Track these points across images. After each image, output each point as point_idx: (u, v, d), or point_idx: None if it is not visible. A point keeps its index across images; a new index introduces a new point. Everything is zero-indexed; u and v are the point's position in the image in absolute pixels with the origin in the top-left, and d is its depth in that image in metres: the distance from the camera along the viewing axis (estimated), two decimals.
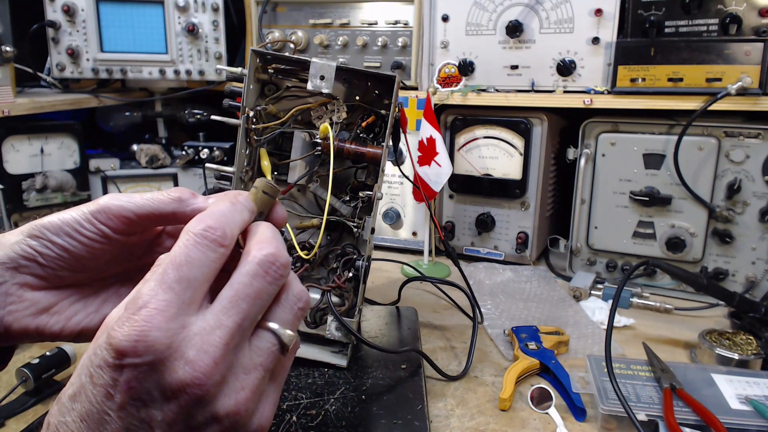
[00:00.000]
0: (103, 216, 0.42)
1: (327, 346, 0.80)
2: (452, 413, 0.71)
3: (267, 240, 0.39)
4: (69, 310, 0.45)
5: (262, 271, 0.37)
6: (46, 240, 0.42)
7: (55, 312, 0.45)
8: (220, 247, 0.36)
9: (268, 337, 0.38)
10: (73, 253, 0.43)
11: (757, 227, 1.01)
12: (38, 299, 0.44)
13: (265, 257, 0.37)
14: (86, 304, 0.46)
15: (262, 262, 0.37)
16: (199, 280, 0.35)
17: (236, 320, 0.35)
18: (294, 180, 0.83)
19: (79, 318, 0.46)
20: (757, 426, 0.64)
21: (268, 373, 0.37)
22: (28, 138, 1.13)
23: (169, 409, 0.33)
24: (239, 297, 0.36)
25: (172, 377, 0.32)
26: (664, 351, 0.85)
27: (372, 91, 0.81)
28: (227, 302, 0.35)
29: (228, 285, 0.36)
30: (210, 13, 1.28)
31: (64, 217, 0.42)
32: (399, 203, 1.29)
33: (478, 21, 1.17)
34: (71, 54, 1.25)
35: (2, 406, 0.70)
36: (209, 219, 0.37)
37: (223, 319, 0.35)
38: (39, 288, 0.44)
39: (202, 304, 0.35)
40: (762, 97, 0.96)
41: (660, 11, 1.02)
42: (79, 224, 0.42)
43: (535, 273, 1.20)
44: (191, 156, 1.34)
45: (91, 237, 0.42)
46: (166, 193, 0.43)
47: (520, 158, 1.17)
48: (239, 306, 0.35)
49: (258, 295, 0.36)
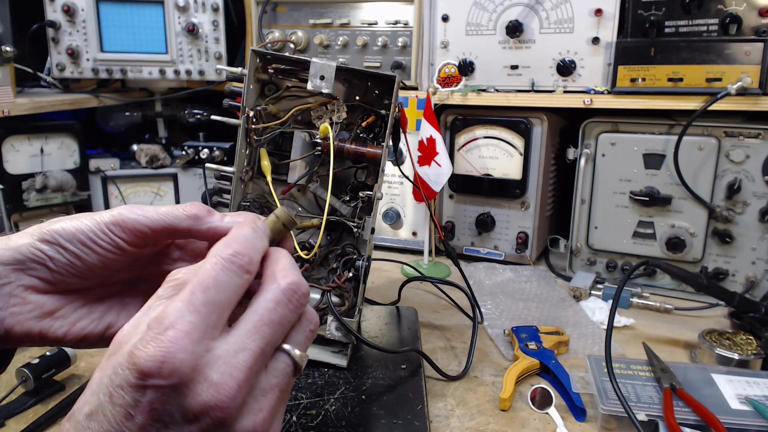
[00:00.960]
0: (117, 228, 0.42)
1: (327, 346, 0.80)
2: (452, 413, 0.71)
3: (290, 268, 0.39)
4: (73, 315, 0.45)
5: (286, 299, 0.37)
6: (58, 245, 0.42)
7: (59, 316, 0.45)
8: (246, 274, 0.37)
9: (284, 358, 0.38)
10: (85, 261, 0.43)
11: (757, 227, 1.01)
12: (43, 302, 0.44)
13: (290, 285, 0.38)
14: (90, 310, 0.46)
15: (287, 290, 0.38)
16: (224, 304, 0.35)
17: (260, 345, 0.35)
18: (294, 180, 0.83)
19: (83, 324, 0.46)
20: (757, 426, 0.64)
21: (282, 394, 0.38)
22: (28, 138, 1.13)
23: (189, 431, 0.33)
24: (263, 322, 0.36)
25: (195, 400, 0.33)
26: (664, 351, 0.85)
27: (372, 91, 0.81)
28: (252, 326, 0.36)
29: (252, 310, 0.37)
30: (210, 13, 1.28)
31: (79, 225, 0.42)
32: (399, 203, 1.29)
33: (478, 21, 1.17)
34: (71, 54, 1.25)
35: (2, 406, 0.70)
36: (236, 244, 0.37)
37: (247, 343, 0.35)
38: (45, 291, 0.44)
39: (224, 328, 0.36)
40: (762, 97, 0.96)
41: (660, 11, 1.02)
42: (94, 233, 0.42)
43: (535, 273, 1.20)
44: (191, 156, 1.34)
45: (105, 247, 0.42)
46: (182, 208, 0.43)
47: (520, 158, 1.17)
48: (263, 331, 0.36)
49: (281, 321, 0.37)
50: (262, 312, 0.36)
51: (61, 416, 0.69)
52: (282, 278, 0.38)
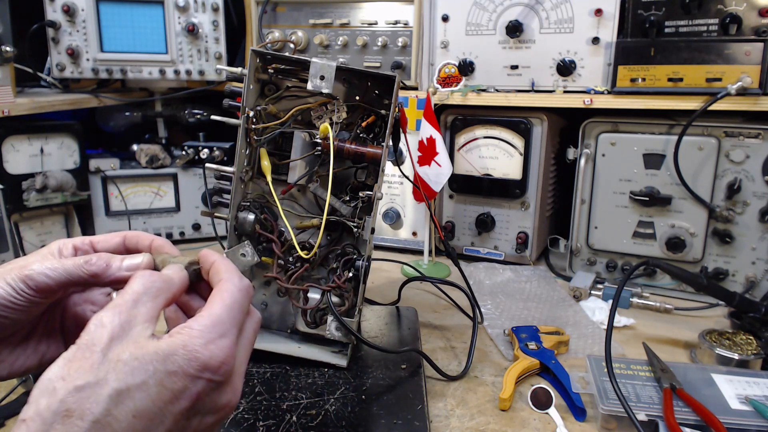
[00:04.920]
0: (29, 290, 0.45)
1: (327, 346, 0.80)
2: (452, 413, 0.71)
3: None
4: (10, 357, 0.49)
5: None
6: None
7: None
8: (250, 297, 0.46)
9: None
10: (10, 318, 0.46)
11: (757, 227, 1.01)
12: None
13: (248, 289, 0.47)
14: (24, 348, 0.50)
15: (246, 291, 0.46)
16: (241, 322, 0.44)
17: (248, 361, 0.46)
18: (294, 180, 0.83)
19: (21, 361, 0.50)
20: (757, 426, 0.64)
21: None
22: (28, 138, 1.13)
23: (206, 421, 0.41)
24: (251, 343, 0.46)
25: (222, 398, 0.41)
26: (664, 351, 0.85)
27: (372, 91, 0.81)
28: (248, 342, 0.45)
29: (247, 332, 0.45)
30: (210, 13, 1.28)
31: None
32: (399, 203, 1.29)
33: (478, 21, 1.17)
34: (71, 54, 1.25)
35: (2, 406, 0.70)
36: (243, 278, 0.46)
37: (246, 356, 0.45)
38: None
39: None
40: (762, 97, 0.96)
41: (660, 11, 1.02)
42: (12, 296, 0.45)
43: (535, 273, 1.20)
44: (191, 156, 1.34)
45: (22, 305, 0.45)
46: (83, 264, 0.47)
47: (520, 158, 1.17)
48: (250, 351, 0.46)
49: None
50: (251, 337, 0.46)
51: None
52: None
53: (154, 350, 0.38)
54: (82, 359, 0.37)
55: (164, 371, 0.38)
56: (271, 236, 0.81)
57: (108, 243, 0.52)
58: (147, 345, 0.38)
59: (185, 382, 0.38)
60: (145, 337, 0.39)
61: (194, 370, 0.38)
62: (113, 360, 0.37)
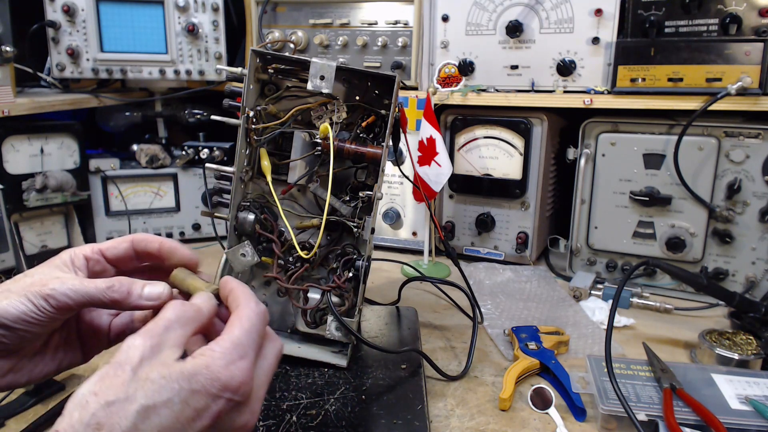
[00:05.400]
0: (50, 308, 0.47)
1: (327, 346, 0.80)
2: (452, 413, 0.71)
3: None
4: (29, 365, 0.51)
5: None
6: (6, 326, 0.47)
7: (18, 370, 0.51)
8: (266, 321, 0.49)
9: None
10: (31, 332, 0.48)
11: (757, 227, 1.01)
12: (2, 365, 0.49)
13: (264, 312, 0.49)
14: (42, 357, 0.53)
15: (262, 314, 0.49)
16: (259, 345, 0.47)
17: (269, 384, 0.48)
18: (294, 180, 0.83)
19: (39, 369, 0.52)
20: (757, 426, 0.64)
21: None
22: (28, 138, 1.13)
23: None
24: (272, 370, 0.49)
25: (240, 418, 0.44)
26: (664, 351, 0.85)
27: (372, 91, 0.81)
28: (269, 367, 0.48)
29: (264, 357, 0.48)
30: (210, 13, 1.28)
31: (18, 306, 0.47)
32: (399, 203, 1.29)
33: (478, 21, 1.17)
34: (71, 54, 1.25)
35: (2, 406, 0.70)
36: (260, 304, 0.49)
37: (266, 380, 0.47)
38: (1, 357, 0.49)
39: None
40: (762, 97, 0.96)
41: (660, 11, 1.02)
42: (33, 312, 0.47)
43: (535, 273, 1.20)
44: (191, 156, 1.34)
45: (42, 321, 0.48)
46: (105, 289, 0.49)
47: (520, 158, 1.17)
48: (271, 375, 0.48)
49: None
50: (272, 362, 0.48)
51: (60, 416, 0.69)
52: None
53: (180, 370, 0.41)
54: (114, 376, 0.39)
55: (188, 390, 0.40)
56: (271, 236, 0.81)
57: (117, 250, 0.55)
58: (174, 365, 0.41)
59: (207, 400, 0.41)
60: (172, 359, 0.42)
61: (216, 390, 0.41)
62: (142, 378, 0.40)
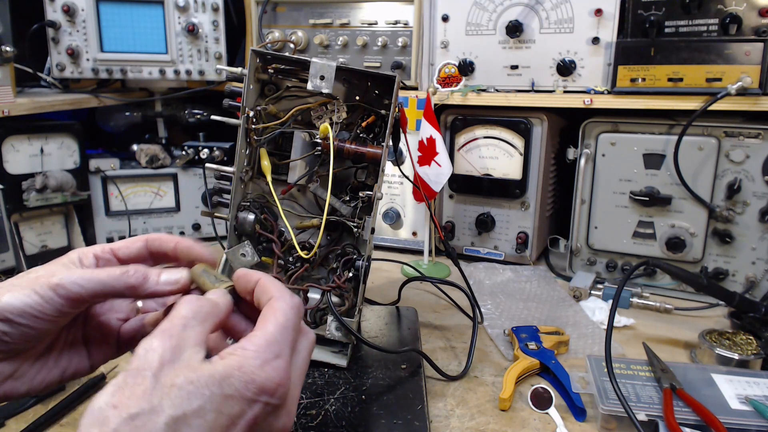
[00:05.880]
0: (59, 298, 0.43)
1: (327, 346, 0.80)
2: (452, 413, 0.71)
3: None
4: (30, 371, 0.47)
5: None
6: (10, 321, 0.43)
7: (18, 377, 0.46)
8: (302, 315, 0.45)
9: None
10: (36, 329, 0.44)
11: (757, 227, 1.01)
12: (1, 370, 0.45)
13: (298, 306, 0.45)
14: (44, 362, 0.48)
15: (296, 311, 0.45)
16: (295, 341, 0.43)
17: (303, 382, 0.45)
18: (294, 180, 0.83)
19: (42, 376, 0.48)
20: (757, 426, 0.64)
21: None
22: (28, 138, 1.13)
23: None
24: (305, 368, 0.45)
25: (278, 422, 0.40)
26: (664, 351, 0.85)
27: (372, 91, 0.81)
28: (303, 363, 0.44)
29: (300, 357, 0.44)
30: (210, 13, 1.28)
31: (23, 299, 0.43)
32: (399, 203, 1.29)
33: (478, 21, 1.17)
34: (71, 54, 1.25)
35: (2, 406, 0.70)
36: (294, 296, 0.45)
37: (301, 377, 0.44)
38: (1, 360, 0.45)
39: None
40: (762, 97, 0.96)
41: (660, 11, 1.02)
42: (40, 305, 0.43)
43: (535, 273, 1.20)
44: (191, 156, 1.34)
45: (50, 315, 0.44)
46: (120, 275, 0.45)
47: (520, 158, 1.17)
48: (305, 372, 0.45)
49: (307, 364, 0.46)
50: (306, 357, 0.45)
51: (61, 416, 0.69)
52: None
53: (209, 373, 0.36)
54: (134, 385, 0.35)
55: (221, 395, 0.36)
56: (271, 236, 0.81)
57: (130, 249, 0.50)
58: (201, 368, 0.37)
59: (242, 405, 0.37)
60: (197, 360, 0.37)
61: (251, 393, 0.37)
62: (167, 385, 0.35)
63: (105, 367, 0.79)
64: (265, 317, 0.42)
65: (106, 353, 0.52)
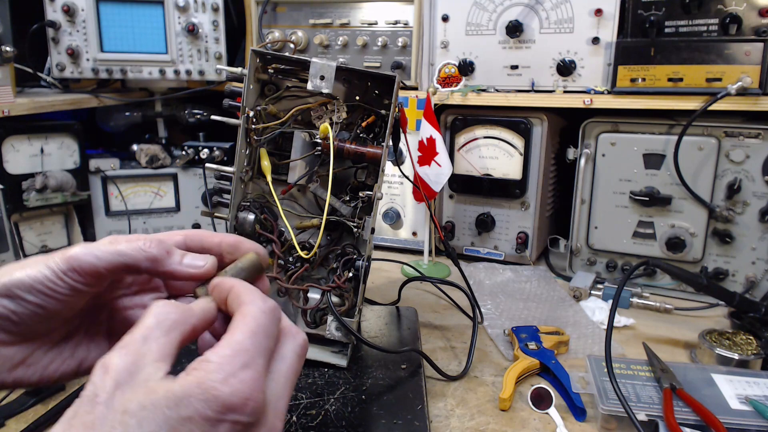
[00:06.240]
0: (74, 273, 0.41)
1: (327, 346, 0.80)
2: (452, 413, 0.71)
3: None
4: (44, 359, 0.44)
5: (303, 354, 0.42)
6: (18, 299, 0.40)
7: (30, 364, 0.44)
8: (278, 320, 0.40)
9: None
10: (47, 308, 0.41)
11: (757, 227, 1.01)
12: (12, 354, 0.43)
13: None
14: (60, 351, 0.46)
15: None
16: (270, 350, 0.38)
17: (291, 391, 0.40)
18: (294, 180, 0.83)
19: (56, 366, 0.45)
20: (757, 426, 0.64)
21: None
22: (28, 138, 1.13)
23: None
24: (294, 373, 0.40)
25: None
26: (664, 351, 0.85)
27: (372, 91, 0.81)
28: (289, 370, 0.39)
29: (281, 358, 0.39)
30: (210, 13, 1.28)
31: (35, 275, 0.40)
32: (399, 203, 1.29)
33: (478, 21, 1.17)
34: (71, 54, 1.25)
35: (2, 406, 0.70)
36: (268, 300, 0.40)
37: (286, 386, 0.39)
38: (11, 344, 0.43)
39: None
40: (762, 97, 0.96)
41: (660, 11, 1.02)
42: (51, 281, 0.40)
43: (535, 273, 1.20)
44: (191, 156, 1.34)
45: (64, 293, 0.41)
46: (142, 246, 0.42)
47: (520, 158, 1.17)
48: (294, 380, 0.40)
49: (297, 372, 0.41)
50: (293, 364, 0.40)
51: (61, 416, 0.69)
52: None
53: (165, 394, 0.32)
54: (85, 414, 0.32)
55: (177, 418, 0.31)
56: (271, 236, 0.81)
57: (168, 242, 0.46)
58: (157, 388, 0.32)
59: (204, 428, 0.32)
60: (156, 379, 0.33)
61: (214, 413, 0.32)
62: (119, 411, 0.32)
63: None
64: (234, 324, 0.37)
65: None
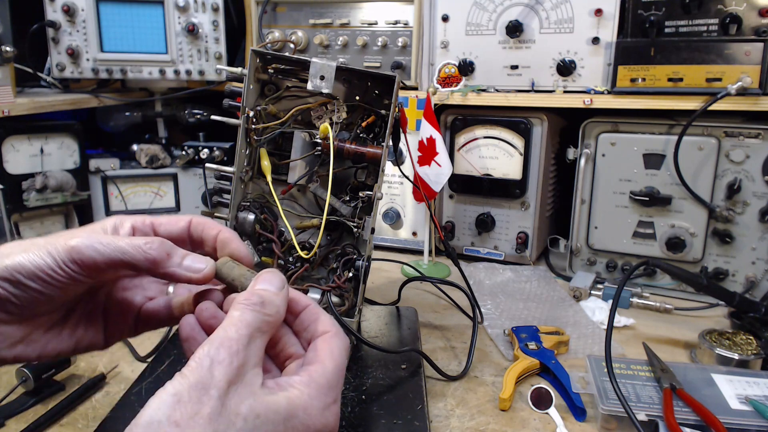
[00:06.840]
0: (74, 264, 0.41)
1: None
2: (452, 413, 0.71)
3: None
4: (43, 338, 0.45)
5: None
6: (18, 283, 0.41)
7: (29, 342, 0.44)
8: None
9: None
10: (46, 294, 0.42)
11: (757, 227, 1.01)
12: (11, 333, 0.43)
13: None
14: (60, 331, 0.46)
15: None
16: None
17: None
18: (294, 180, 0.83)
19: (54, 344, 0.46)
20: (757, 426, 0.64)
21: None
22: (28, 138, 1.13)
23: None
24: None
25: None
26: (664, 351, 0.85)
27: (372, 91, 0.81)
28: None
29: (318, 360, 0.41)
30: (210, 13, 1.28)
31: (37, 262, 0.40)
32: (399, 203, 1.29)
33: (478, 21, 1.17)
34: (71, 54, 1.25)
35: (2, 406, 0.70)
36: (345, 336, 0.43)
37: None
38: (11, 323, 0.43)
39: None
40: (762, 97, 0.96)
41: (660, 11, 1.02)
42: (51, 269, 0.40)
43: (535, 273, 1.20)
44: (191, 156, 1.34)
45: (63, 281, 0.41)
46: (142, 247, 0.42)
47: (520, 158, 1.17)
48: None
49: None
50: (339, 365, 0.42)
51: (61, 416, 0.69)
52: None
53: (275, 408, 0.34)
54: (198, 402, 0.32)
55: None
56: (271, 236, 0.81)
57: (173, 226, 0.47)
58: (264, 399, 0.34)
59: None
60: (257, 385, 0.35)
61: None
62: (232, 412, 0.33)
63: (105, 367, 0.79)
64: (322, 353, 0.39)
65: (123, 331, 0.49)
